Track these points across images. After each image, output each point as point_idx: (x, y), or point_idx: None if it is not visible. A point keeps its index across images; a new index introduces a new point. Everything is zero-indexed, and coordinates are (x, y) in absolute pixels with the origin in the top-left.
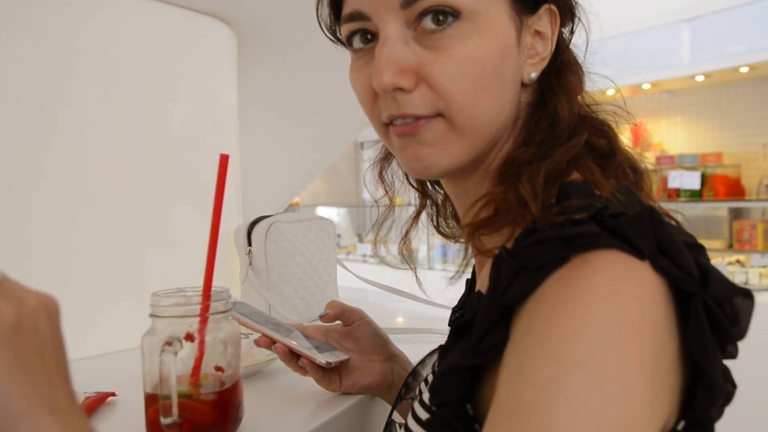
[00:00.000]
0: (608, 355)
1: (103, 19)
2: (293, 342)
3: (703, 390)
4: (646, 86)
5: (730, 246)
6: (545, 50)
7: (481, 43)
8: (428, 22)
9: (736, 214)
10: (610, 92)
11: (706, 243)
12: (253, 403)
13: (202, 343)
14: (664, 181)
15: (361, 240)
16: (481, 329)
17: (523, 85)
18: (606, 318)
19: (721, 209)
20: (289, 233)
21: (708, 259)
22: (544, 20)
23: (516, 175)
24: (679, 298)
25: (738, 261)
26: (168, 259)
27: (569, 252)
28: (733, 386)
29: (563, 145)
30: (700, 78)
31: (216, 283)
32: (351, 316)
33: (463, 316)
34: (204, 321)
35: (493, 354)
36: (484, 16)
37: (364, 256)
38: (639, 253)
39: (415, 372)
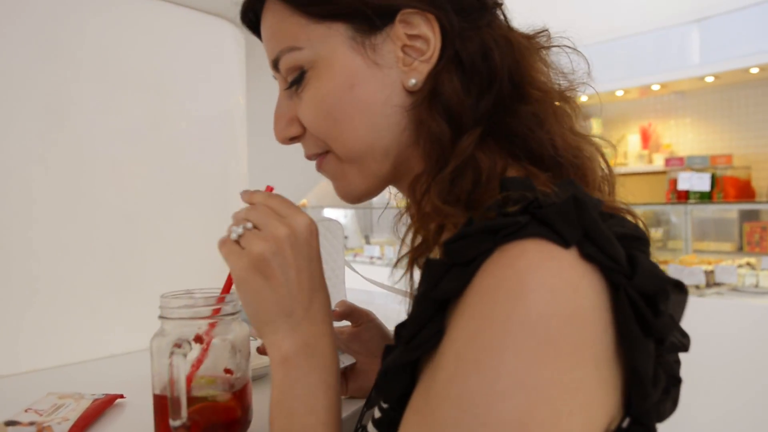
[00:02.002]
0: (505, 352)
1: (110, 19)
2: None
3: (635, 385)
4: (656, 87)
5: (740, 248)
6: (429, 49)
7: (321, 84)
8: (290, 79)
9: (746, 216)
10: (619, 93)
11: (716, 245)
12: (261, 405)
13: (207, 344)
14: (674, 183)
15: (368, 242)
16: (415, 325)
17: (415, 93)
18: (509, 315)
19: (731, 211)
20: None
21: (647, 253)
22: (412, 26)
23: (419, 192)
24: (612, 289)
25: (748, 263)
26: (175, 260)
27: (493, 244)
28: (678, 380)
29: (456, 149)
30: (709, 79)
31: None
32: (360, 317)
33: None
34: (212, 325)
35: (427, 348)
36: (323, 59)
37: (372, 257)
38: (563, 241)
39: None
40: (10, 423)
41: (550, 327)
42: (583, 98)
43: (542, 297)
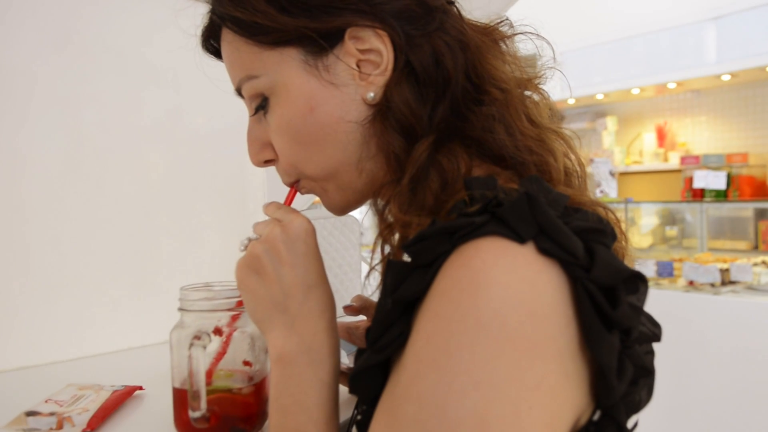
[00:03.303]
0: (461, 351)
1: (129, 15)
2: None
3: (599, 377)
4: (672, 85)
5: (756, 247)
6: (383, 62)
7: (284, 110)
8: (254, 106)
9: (761, 215)
10: (635, 91)
11: (731, 244)
12: None
13: (228, 337)
14: (689, 181)
15: None
16: (381, 327)
17: (373, 106)
18: (463, 314)
19: (746, 210)
20: None
21: (609, 245)
22: (362, 41)
23: (381, 205)
24: (572, 283)
25: (764, 262)
26: (193, 253)
27: (451, 244)
28: (647, 371)
29: (410, 158)
30: (726, 77)
31: None
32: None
33: None
34: (234, 318)
35: (393, 349)
36: (280, 85)
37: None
38: (518, 237)
39: None
40: (31, 413)
41: (506, 323)
42: (599, 96)
43: (497, 294)
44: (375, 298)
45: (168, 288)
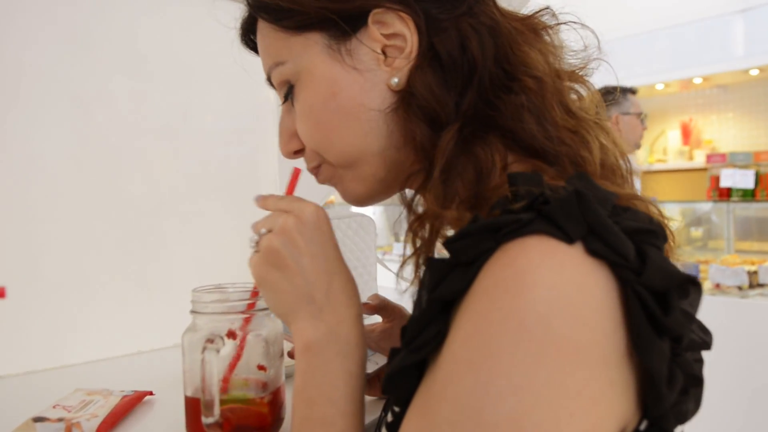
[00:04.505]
0: (501, 353)
1: (142, 13)
2: None
3: (649, 385)
4: (698, 81)
5: None
6: (408, 46)
7: (307, 95)
8: (282, 94)
9: None
10: (659, 87)
11: (759, 245)
12: None
13: (242, 341)
14: (716, 180)
15: (397, 239)
16: (418, 326)
17: (398, 93)
18: (506, 316)
19: None
20: None
21: (661, 247)
22: (387, 25)
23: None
24: (622, 286)
25: None
26: (205, 254)
27: (495, 242)
28: (698, 380)
29: (437, 149)
30: (754, 72)
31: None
32: (392, 312)
33: None
34: (247, 320)
35: (430, 349)
36: (305, 70)
37: (401, 255)
38: (567, 237)
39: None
40: (39, 419)
41: (551, 327)
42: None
43: (542, 296)
44: (393, 298)
45: (179, 290)
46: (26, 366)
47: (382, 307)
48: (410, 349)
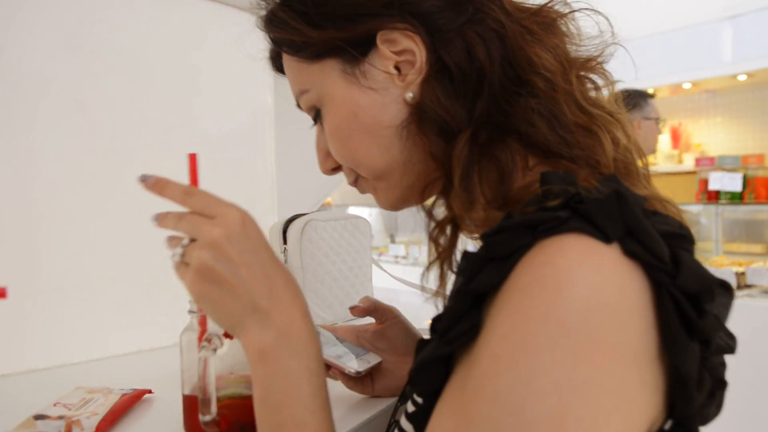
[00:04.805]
0: (541, 351)
1: (141, 16)
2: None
3: (678, 387)
4: (687, 86)
5: None
6: (418, 60)
7: (332, 118)
8: (312, 117)
9: None
10: (649, 92)
11: (746, 247)
12: None
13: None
14: (704, 183)
15: (393, 240)
16: (451, 318)
17: (413, 106)
18: (545, 314)
19: (762, 212)
20: (325, 232)
21: (692, 252)
22: (395, 43)
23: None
24: (655, 288)
25: None
26: None
27: (532, 238)
28: (723, 383)
29: (453, 157)
30: (742, 77)
31: None
32: (384, 314)
33: None
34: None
35: (462, 342)
36: (327, 95)
37: (396, 256)
38: (604, 236)
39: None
40: (40, 417)
41: (590, 325)
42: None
43: (581, 294)
44: (387, 297)
45: (178, 290)
46: (28, 365)
47: (373, 309)
48: (443, 341)
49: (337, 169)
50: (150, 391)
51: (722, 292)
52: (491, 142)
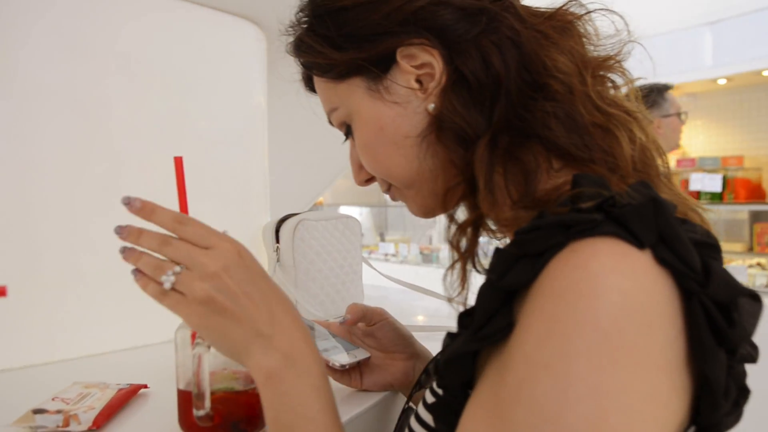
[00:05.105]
0: (577, 357)
1: (134, 19)
2: None
3: (705, 394)
4: None
5: (751, 249)
6: (437, 72)
7: (361, 133)
8: (343, 133)
9: (756, 217)
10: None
11: (727, 246)
12: None
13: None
14: (685, 183)
15: (383, 239)
16: (482, 315)
17: (433, 117)
18: (581, 319)
19: (741, 212)
20: (317, 231)
21: (720, 261)
22: (414, 58)
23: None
24: (685, 296)
25: (759, 264)
26: None
27: (566, 238)
28: (746, 391)
29: (475, 163)
30: (722, 81)
31: None
32: (372, 317)
33: None
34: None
35: (495, 339)
36: (355, 112)
37: (386, 254)
38: (638, 242)
39: (436, 360)
40: (38, 411)
41: (624, 331)
42: None
43: (616, 300)
44: (380, 294)
45: None
46: (26, 360)
47: (362, 316)
48: (475, 337)
49: (370, 180)
50: (146, 386)
51: (751, 302)
52: (513, 145)
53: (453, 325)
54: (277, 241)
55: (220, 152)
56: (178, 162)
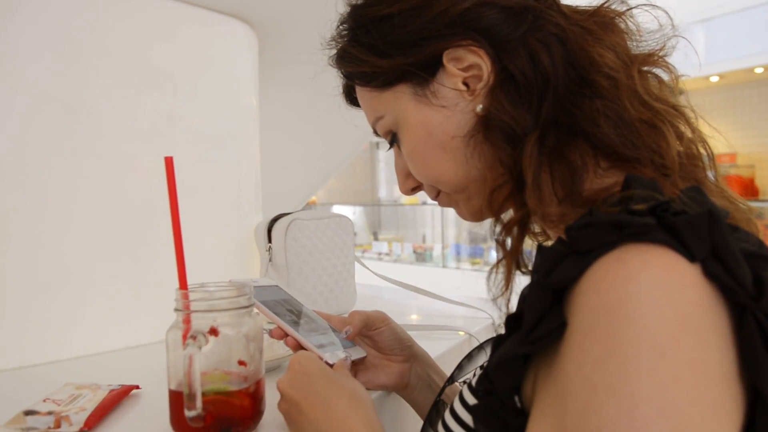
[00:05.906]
0: (639, 376)
1: (126, 19)
2: (302, 338)
3: (760, 410)
4: None
5: None
6: (484, 72)
7: (408, 140)
8: (389, 141)
9: None
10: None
11: None
12: (274, 396)
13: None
14: None
15: (376, 238)
16: (533, 316)
17: (481, 117)
18: (636, 337)
19: None
20: (309, 230)
21: None
22: (461, 61)
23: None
24: (736, 309)
25: None
26: (189, 254)
27: (618, 238)
28: None
29: (523, 161)
30: (714, 79)
31: (237, 279)
32: (374, 322)
33: None
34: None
35: (548, 342)
36: (401, 119)
37: (380, 253)
38: (690, 255)
39: (470, 355)
40: (29, 412)
41: (680, 346)
42: None
43: (668, 315)
44: (375, 293)
45: (165, 288)
46: (17, 361)
47: (363, 325)
48: (527, 340)
49: (417, 188)
50: (137, 387)
51: None
52: (559, 143)
53: (445, 324)
54: (270, 240)
55: (211, 152)
56: (169, 162)
